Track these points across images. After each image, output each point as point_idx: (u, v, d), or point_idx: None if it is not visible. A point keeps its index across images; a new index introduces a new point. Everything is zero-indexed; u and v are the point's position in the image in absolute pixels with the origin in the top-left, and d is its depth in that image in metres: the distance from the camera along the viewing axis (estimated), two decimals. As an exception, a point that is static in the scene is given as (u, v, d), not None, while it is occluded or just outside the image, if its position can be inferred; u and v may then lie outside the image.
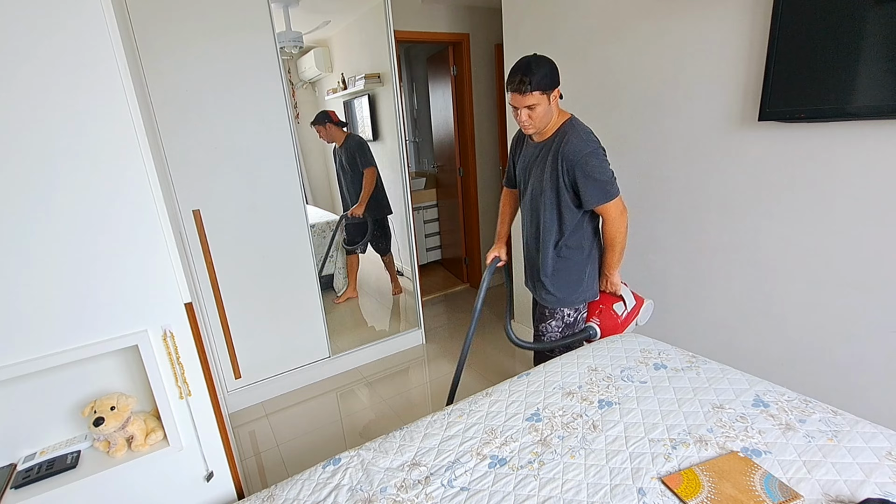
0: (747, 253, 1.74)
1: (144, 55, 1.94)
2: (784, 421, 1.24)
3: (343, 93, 3.83)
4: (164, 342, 1.20)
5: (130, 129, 1.09)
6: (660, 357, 1.63)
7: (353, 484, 1.16)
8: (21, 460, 1.18)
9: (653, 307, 1.90)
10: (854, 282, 1.48)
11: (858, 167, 1.40)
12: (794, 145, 1.53)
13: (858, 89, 1.30)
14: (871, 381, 1.51)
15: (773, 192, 1.62)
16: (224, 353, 2.40)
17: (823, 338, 1.59)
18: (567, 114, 1.64)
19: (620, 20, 1.96)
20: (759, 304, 1.75)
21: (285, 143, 2.34)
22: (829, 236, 1.51)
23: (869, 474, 1.03)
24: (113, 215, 1.10)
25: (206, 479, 1.33)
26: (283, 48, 3.20)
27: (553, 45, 2.29)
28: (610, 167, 1.58)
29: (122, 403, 1.19)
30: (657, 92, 1.89)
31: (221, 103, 2.14)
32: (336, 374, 2.79)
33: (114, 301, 1.13)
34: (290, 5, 3.11)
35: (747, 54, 1.58)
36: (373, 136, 3.57)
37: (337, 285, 3.80)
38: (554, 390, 1.49)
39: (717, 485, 1.04)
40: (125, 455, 1.23)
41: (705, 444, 1.18)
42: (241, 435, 2.32)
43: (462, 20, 3.37)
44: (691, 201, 1.88)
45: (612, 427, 1.29)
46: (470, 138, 3.62)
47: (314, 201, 4.85)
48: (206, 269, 2.24)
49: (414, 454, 1.25)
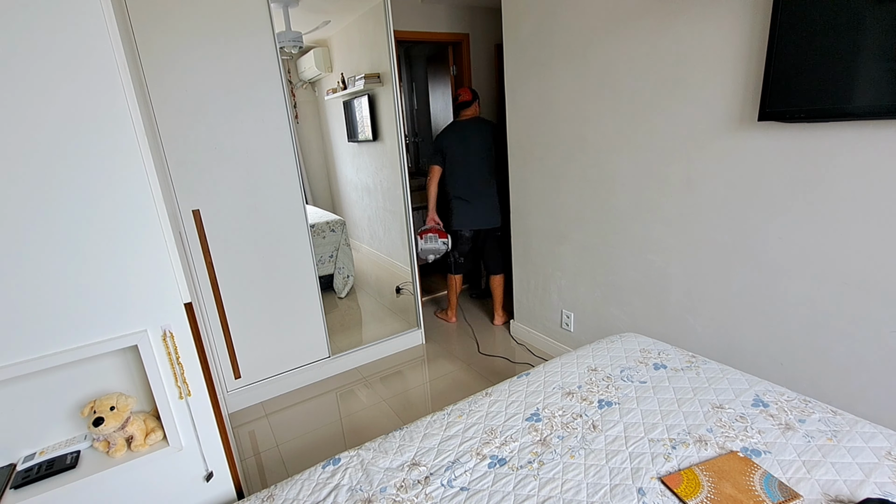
0: (747, 253, 1.74)
1: (144, 55, 1.94)
2: (784, 421, 1.24)
3: (343, 93, 3.83)
4: (163, 342, 1.20)
5: (130, 129, 1.09)
6: (659, 357, 1.63)
7: (352, 484, 1.16)
8: (21, 460, 1.18)
9: (436, 244, 3.06)
10: (854, 282, 1.48)
11: (858, 167, 1.40)
12: (794, 145, 1.53)
13: (858, 89, 1.30)
14: (870, 382, 1.51)
15: (772, 191, 1.62)
16: (224, 353, 2.40)
17: (823, 337, 1.60)
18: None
19: (620, 20, 1.96)
20: (758, 304, 1.75)
21: (285, 142, 2.34)
22: (828, 236, 1.51)
23: (868, 474, 1.03)
24: (112, 215, 1.10)
25: (206, 479, 1.33)
26: (283, 48, 3.20)
27: (552, 44, 2.29)
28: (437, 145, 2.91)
29: (121, 403, 1.19)
30: (656, 91, 1.89)
31: (221, 103, 2.14)
32: (336, 374, 2.80)
33: (113, 301, 1.13)
34: (289, 5, 3.11)
35: (747, 54, 1.58)
36: (373, 136, 3.57)
37: (337, 286, 3.80)
38: (554, 390, 1.49)
39: (717, 485, 1.04)
40: (125, 455, 1.22)
41: (705, 444, 1.18)
42: (241, 435, 2.32)
43: (462, 20, 3.37)
44: (691, 201, 1.88)
45: (611, 427, 1.29)
46: (470, 138, 3.62)
47: (314, 201, 4.86)
48: (206, 269, 2.24)
49: (414, 454, 1.25)
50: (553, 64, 2.31)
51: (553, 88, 2.35)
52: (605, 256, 2.33)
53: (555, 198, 2.52)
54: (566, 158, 2.39)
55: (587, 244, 2.40)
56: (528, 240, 2.80)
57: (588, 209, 2.34)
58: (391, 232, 3.65)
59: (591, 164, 2.26)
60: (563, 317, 2.69)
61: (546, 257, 2.70)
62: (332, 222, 3.76)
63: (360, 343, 2.92)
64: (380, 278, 4.02)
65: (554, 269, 2.66)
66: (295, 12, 3.24)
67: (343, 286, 3.80)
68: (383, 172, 3.54)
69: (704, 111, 1.75)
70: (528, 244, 2.81)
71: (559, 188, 2.48)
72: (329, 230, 3.73)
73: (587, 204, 2.34)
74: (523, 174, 2.70)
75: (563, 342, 2.74)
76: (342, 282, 3.80)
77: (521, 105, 2.58)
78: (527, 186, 2.69)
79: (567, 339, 2.70)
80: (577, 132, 2.29)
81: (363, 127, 3.70)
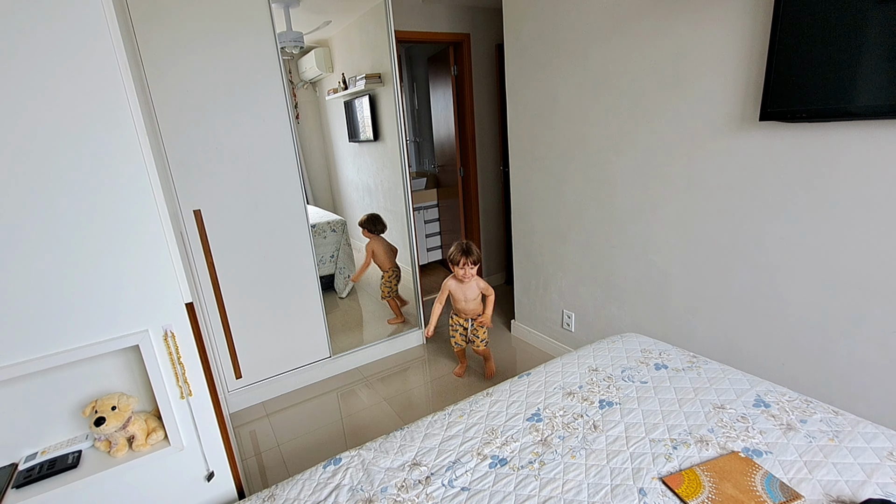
0: (748, 253, 1.74)
1: (145, 55, 1.94)
2: (785, 421, 1.23)
3: (344, 93, 3.83)
4: (164, 342, 1.20)
5: (131, 129, 1.09)
6: (661, 357, 1.62)
7: (353, 484, 1.16)
8: (22, 460, 1.18)
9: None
10: (856, 282, 1.48)
11: (861, 167, 1.40)
12: (796, 145, 1.53)
13: (861, 88, 1.30)
14: (872, 382, 1.51)
15: (774, 192, 1.61)
16: (225, 353, 2.40)
17: (825, 338, 1.59)
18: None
19: (621, 19, 1.96)
20: (760, 304, 1.75)
21: (286, 142, 2.34)
22: (830, 236, 1.51)
23: (870, 475, 1.03)
24: (114, 215, 1.10)
25: (207, 478, 1.34)
26: (284, 48, 3.20)
27: (553, 44, 2.29)
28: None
29: (123, 403, 1.20)
30: (658, 91, 1.89)
31: (222, 103, 2.14)
32: (337, 374, 2.80)
33: (114, 301, 1.13)
34: (290, 5, 3.11)
35: (748, 53, 1.58)
36: (373, 136, 3.57)
37: (338, 286, 3.80)
38: (554, 390, 1.49)
39: (719, 485, 1.04)
40: (126, 455, 1.23)
41: (706, 445, 1.18)
42: (242, 434, 2.33)
43: (463, 20, 3.37)
44: (692, 201, 1.87)
45: (612, 427, 1.29)
46: (471, 138, 3.62)
47: (315, 201, 4.86)
48: (207, 268, 2.24)
49: (415, 454, 1.25)
50: (554, 64, 2.31)
51: (554, 88, 2.35)
52: (606, 256, 2.32)
53: (556, 197, 2.52)
54: (567, 158, 2.39)
55: (588, 244, 2.40)
56: (528, 240, 2.80)
57: (589, 209, 2.34)
58: (392, 232, 3.64)
59: (592, 164, 2.26)
60: (563, 317, 2.69)
61: (547, 257, 2.69)
62: (332, 222, 3.76)
63: (360, 343, 2.92)
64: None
65: (555, 269, 2.66)
66: (296, 12, 3.24)
67: (344, 286, 3.80)
68: (384, 172, 3.54)
69: (706, 111, 1.74)
70: (528, 244, 2.81)
71: (560, 188, 2.47)
72: (330, 230, 3.73)
73: (588, 204, 2.34)
74: (524, 174, 2.69)
75: (564, 342, 2.74)
76: (343, 282, 3.80)
77: (523, 105, 2.58)
78: (528, 186, 2.69)
79: (568, 338, 2.70)
80: (578, 132, 2.29)
81: (364, 127, 3.70)
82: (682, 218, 1.93)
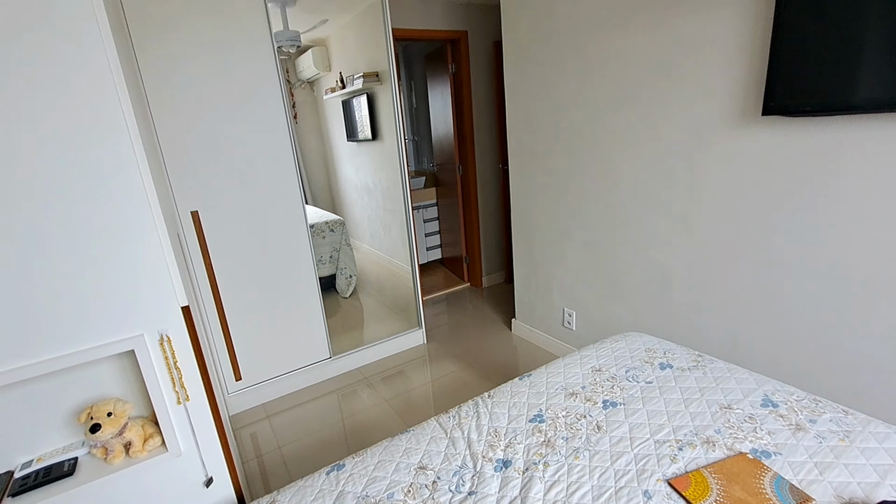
0: (752, 249, 1.72)
1: (140, 55, 1.92)
2: (794, 421, 1.21)
3: (341, 92, 3.81)
4: (160, 347, 1.18)
5: (125, 135, 1.07)
6: (665, 356, 1.60)
7: (357, 491, 1.14)
8: (18, 468, 1.17)
9: None
10: (862, 279, 1.46)
11: (865, 162, 1.38)
12: (799, 140, 1.50)
13: (864, 82, 1.27)
14: (880, 380, 1.49)
15: (777, 187, 1.59)
16: (224, 355, 2.38)
17: (831, 336, 1.57)
18: None
19: (620, 14, 1.93)
20: (764, 301, 1.73)
21: (284, 142, 2.31)
22: (835, 232, 1.49)
23: (884, 476, 1.01)
24: (108, 221, 1.08)
25: (206, 484, 1.32)
26: (281, 47, 3.18)
27: (552, 39, 2.26)
28: None
29: (118, 409, 1.18)
30: (658, 86, 1.86)
31: (219, 103, 2.12)
32: (337, 375, 2.78)
33: (109, 305, 1.11)
34: (287, 4, 3.09)
35: (750, 47, 1.55)
36: (372, 135, 3.55)
37: (339, 286, 3.79)
38: (556, 391, 1.47)
39: (726, 487, 1.02)
40: (123, 461, 1.21)
41: (713, 446, 1.16)
42: (243, 437, 2.31)
43: (460, 17, 3.34)
44: (694, 197, 1.85)
45: (616, 428, 1.27)
46: (469, 136, 3.60)
47: (313, 201, 4.84)
48: (205, 270, 2.22)
49: (420, 458, 1.23)
50: (553, 59, 2.29)
51: (553, 84, 2.33)
52: (607, 253, 2.30)
53: (556, 194, 2.50)
54: (567, 155, 2.36)
55: (589, 241, 2.38)
56: (529, 237, 2.77)
57: (589, 205, 2.32)
58: (391, 231, 3.62)
59: (593, 161, 2.23)
60: (564, 315, 2.67)
61: (547, 255, 2.67)
62: (331, 222, 3.74)
63: (361, 343, 2.90)
64: (381, 278, 4.00)
65: (555, 266, 2.64)
66: (292, 11, 3.21)
67: (346, 287, 3.78)
68: (383, 172, 3.52)
69: (707, 106, 1.72)
70: (529, 242, 2.79)
71: (560, 185, 2.45)
72: (328, 230, 3.71)
73: (588, 200, 2.32)
74: (524, 171, 2.67)
75: (566, 340, 2.72)
76: (345, 282, 3.78)
77: (522, 102, 2.55)
78: (528, 183, 2.67)
79: (569, 337, 2.68)
80: (578, 128, 2.26)
81: (362, 126, 3.68)
82: (684, 214, 1.91)
